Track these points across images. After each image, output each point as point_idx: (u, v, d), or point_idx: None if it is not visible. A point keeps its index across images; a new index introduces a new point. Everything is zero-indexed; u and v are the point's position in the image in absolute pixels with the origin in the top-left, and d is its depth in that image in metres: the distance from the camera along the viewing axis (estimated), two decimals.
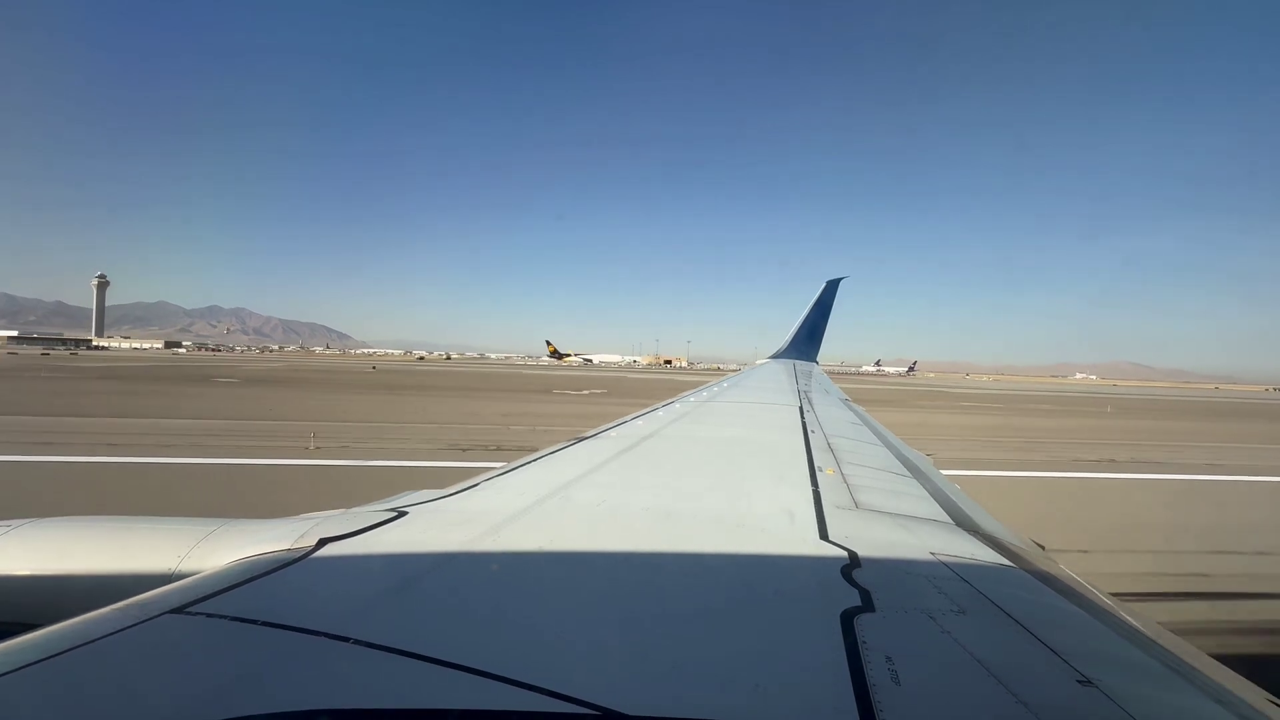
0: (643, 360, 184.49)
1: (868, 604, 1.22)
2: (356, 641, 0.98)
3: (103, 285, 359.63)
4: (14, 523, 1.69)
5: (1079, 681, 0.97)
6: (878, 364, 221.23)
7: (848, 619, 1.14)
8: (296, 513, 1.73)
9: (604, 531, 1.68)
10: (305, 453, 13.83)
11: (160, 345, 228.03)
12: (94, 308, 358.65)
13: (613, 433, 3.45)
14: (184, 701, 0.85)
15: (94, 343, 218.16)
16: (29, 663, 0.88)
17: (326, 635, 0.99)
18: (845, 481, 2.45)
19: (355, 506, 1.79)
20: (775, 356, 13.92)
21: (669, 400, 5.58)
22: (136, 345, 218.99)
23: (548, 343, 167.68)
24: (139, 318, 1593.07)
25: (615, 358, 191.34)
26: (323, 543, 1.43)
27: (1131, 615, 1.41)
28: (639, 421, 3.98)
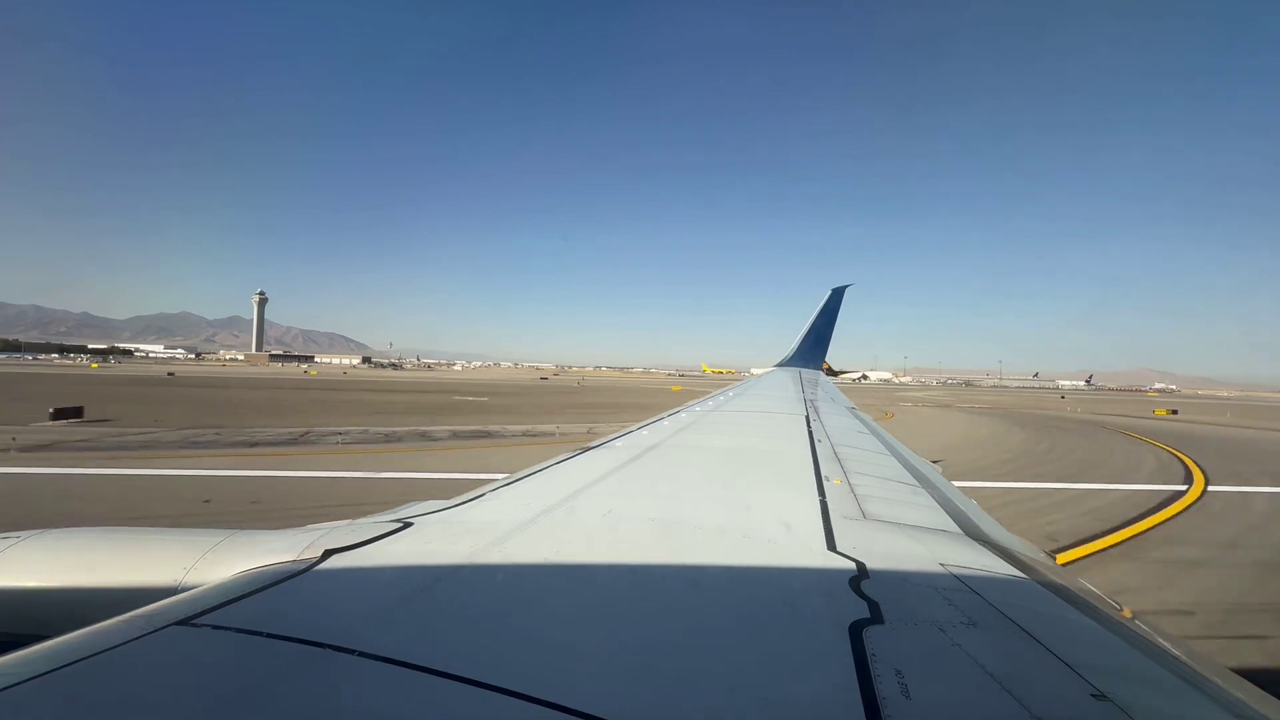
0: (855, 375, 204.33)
1: (876, 616, 1.21)
2: (361, 653, 0.98)
3: (263, 302, 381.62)
4: (22, 534, 1.70)
5: (1093, 695, 0.96)
6: (1035, 376, 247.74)
7: (856, 631, 1.13)
8: None
9: (609, 542, 1.68)
10: None
11: (358, 362, 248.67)
12: (254, 323, 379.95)
13: (618, 443, 3.47)
14: (189, 714, 0.85)
15: (318, 359, 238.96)
16: (36, 674, 0.88)
17: (332, 647, 1.00)
18: (853, 491, 2.44)
19: (361, 518, 1.80)
20: (781, 364, 13.92)
21: (675, 409, 5.57)
22: (337, 360, 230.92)
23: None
24: (163, 328, 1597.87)
25: (887, 374, 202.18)
26: (328, 554, 1.44)
27: (1147, 628, 1.39)
28: (644, 431, 4.04)
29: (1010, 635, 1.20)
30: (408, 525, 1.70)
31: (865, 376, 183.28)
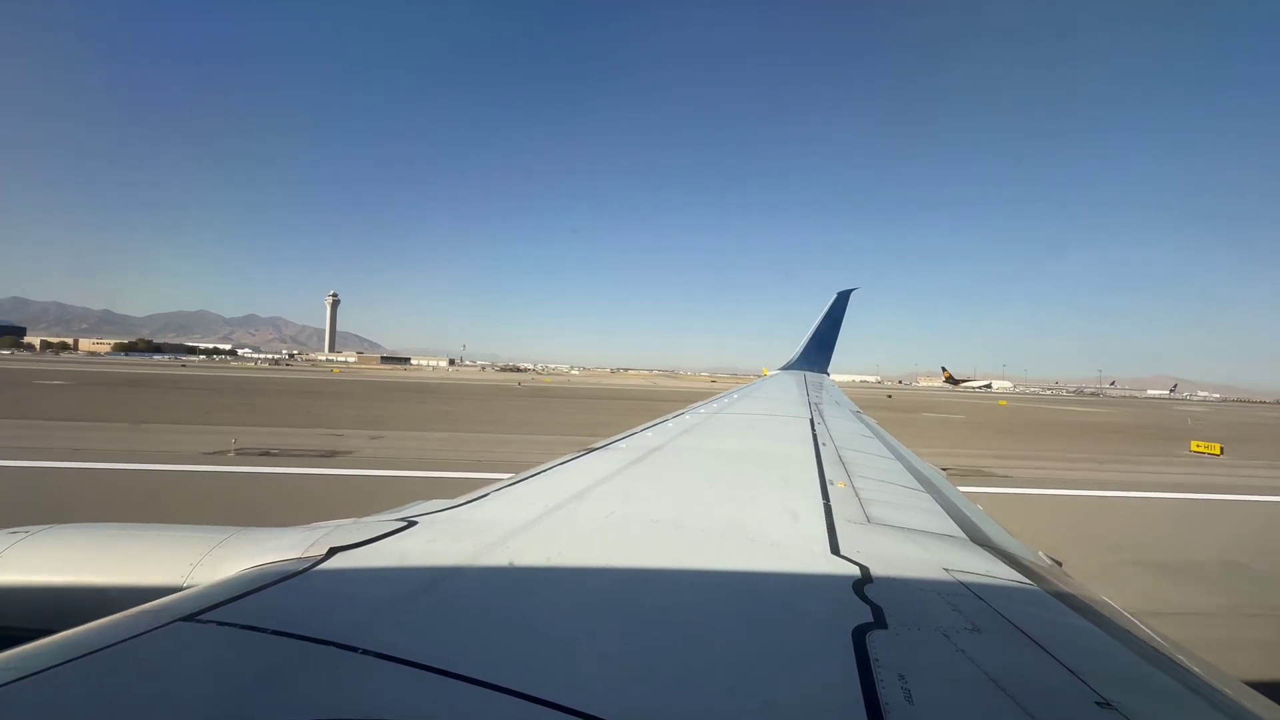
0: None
1: (880, 620, 1.21)
2: (365, 651, 0.98)
3: (335, 304, 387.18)
4: (31, 529, 1.73)
5: (1097, 703, 0.96)
6: (1113, 384, 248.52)
7: (859, 635, 1.13)
8: None
9: (612, 544, 1.69)
10: None
11: (445, 364, 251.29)
12: (327, 325, 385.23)
13: (622, 444, 3.47)
14: (193, 709, 0.86)
15: (414, 363, 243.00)
16: (43, 668, 0.89)
17: (335, 644, 1.00)
18: (857, 495, 2.44)
19: (366, 516, 1.81)
20: (786, 368, 13.93)
21: (679, 411, 5.57)
22: (428, 363, 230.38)
23: (943, 369, 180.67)
24: (182, 325, 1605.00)
25: (1006, 384, 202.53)
26: (333, 552, 1.45)
27: (1154, 635, 1.38)
28: (649, 433, 4.03)
29: (1014, 641, 1.20)
30: (412, 524, 1.70)
31: (989, 385, 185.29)
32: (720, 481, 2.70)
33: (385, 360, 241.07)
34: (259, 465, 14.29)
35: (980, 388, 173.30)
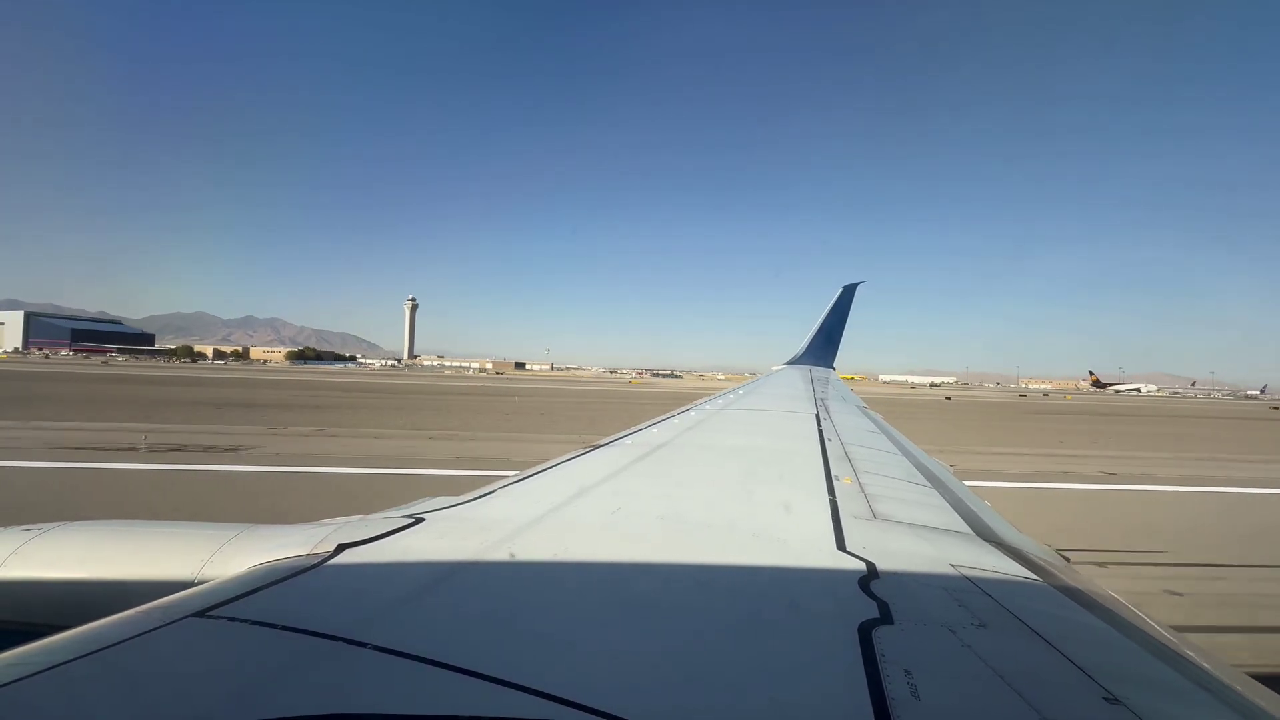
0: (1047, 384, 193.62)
1: (886, 616, 1.20)
2: (374, 647, 0.99)
3: (414, 308, 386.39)
4: (45, 526, 1.75)
5: (1106, 699, 0.95)
6: (1194, 384, 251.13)
7: (866, 631, 1.13)
8: None
9: (618, 540, 1.69)
10: None
11: (548, 368, 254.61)
12: (406, 330, 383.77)
13: (628, 441, 3.48)
14: (205, 704, 0.87)
15: (529, 366, 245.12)
16: (56, 664, 0.90)
17: (344, 640, 1.01)
18: (863, 491, 2.44)
19: (373, 513, 1.81)
20: (791, 363, 13.81)
21: (685, 407, 5.55)
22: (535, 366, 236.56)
23: (1090, 372, 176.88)
24: (180, 327, 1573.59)
25: (1152, 387, 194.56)
26: (341, 548, 1.45)
27: (1163, 631, 1.37)
28: (654, 430, 4.02)
29: (1021, 637, 1.20)
30: (419, 521, 1.71)
31: (1138, 389, 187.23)
32: (725, 478, 2.74)
33: (517, 366, 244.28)
34: None
35: (1129, 391, 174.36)
